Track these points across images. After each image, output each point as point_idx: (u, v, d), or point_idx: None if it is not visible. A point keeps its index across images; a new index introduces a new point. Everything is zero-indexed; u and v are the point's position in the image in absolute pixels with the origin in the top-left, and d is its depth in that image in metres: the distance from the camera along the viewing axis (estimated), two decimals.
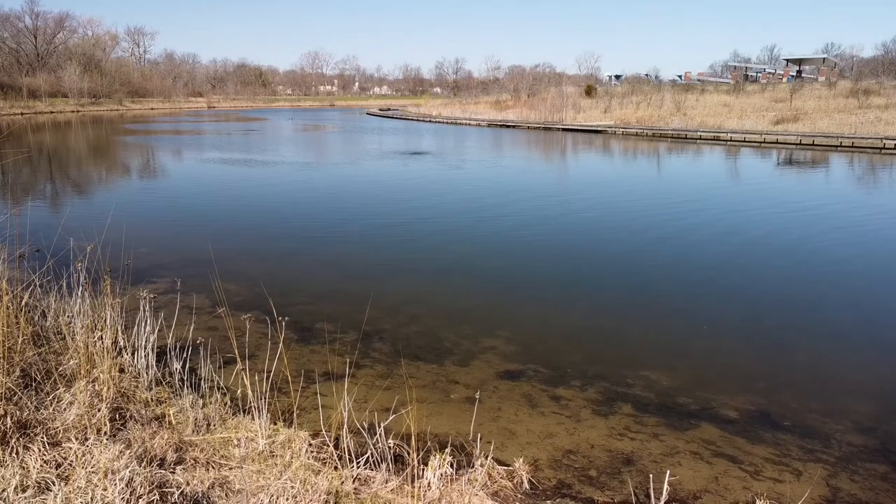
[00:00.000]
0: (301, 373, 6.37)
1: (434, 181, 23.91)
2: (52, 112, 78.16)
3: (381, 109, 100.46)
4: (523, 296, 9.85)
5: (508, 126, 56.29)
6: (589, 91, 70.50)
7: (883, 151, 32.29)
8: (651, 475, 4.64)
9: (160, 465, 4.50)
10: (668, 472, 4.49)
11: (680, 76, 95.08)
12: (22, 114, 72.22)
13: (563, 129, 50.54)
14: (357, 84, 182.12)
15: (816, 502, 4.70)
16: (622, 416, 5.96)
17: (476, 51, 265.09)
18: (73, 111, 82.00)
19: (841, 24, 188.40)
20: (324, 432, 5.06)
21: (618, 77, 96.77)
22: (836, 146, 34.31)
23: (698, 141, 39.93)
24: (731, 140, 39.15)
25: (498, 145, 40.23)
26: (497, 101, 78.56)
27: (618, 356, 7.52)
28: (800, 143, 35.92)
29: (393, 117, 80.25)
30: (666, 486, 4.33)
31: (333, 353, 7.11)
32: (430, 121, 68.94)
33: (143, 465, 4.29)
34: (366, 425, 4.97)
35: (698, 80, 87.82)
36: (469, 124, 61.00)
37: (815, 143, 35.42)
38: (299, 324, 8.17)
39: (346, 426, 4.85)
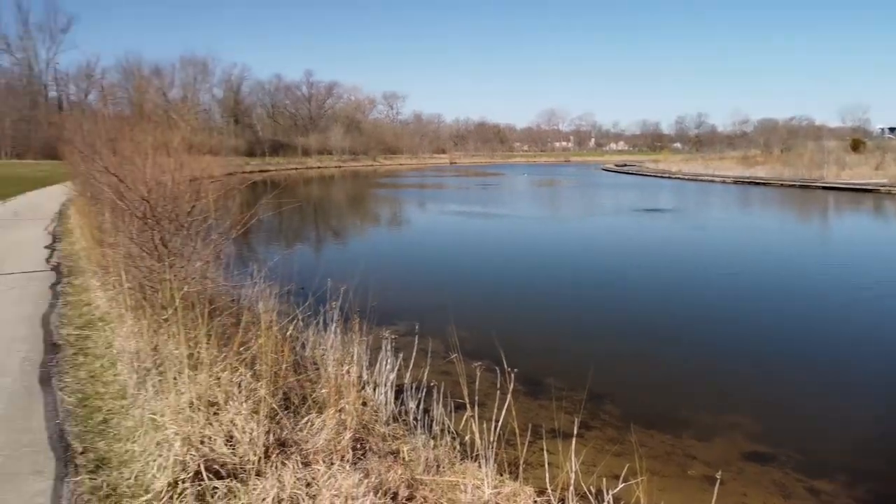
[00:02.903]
0: (528, 427, 6.33)
1: (673, 242, 22.87)
2: (319, 167, 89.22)
3: (616, 165, 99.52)
4: (775, 372, 8.89)
5: (758, 183, 52.23)
6: (856, 145, 63.14)
7: None
8: None
9: (393, 499, 4.70)
10: None
11: None
12: (296, 169, 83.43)
13: (824, 188, 45.59)
14: (593, 140, 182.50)
15: None
16: None
17: (720, 105, 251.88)
18: (336, 166, 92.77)
19: None
20: (549, 491, 4.94)
21: (892, 130, 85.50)
22: None
23: None
24: None
25: (746, 204, 37.53)
26: (745, 157, 73.57)
27: (893, 450, 6.41)
28: None
29: (629, 173, 78.91)
30: None
31: (561, 410, 6.97)
32: (668, 177, 66.55)
33: (378, 495, 4.52)
34: (593, 490, 4.76)
35: None
36: (713, 181, 57.75)
37: None
38: (528, 377, 8.15)
39: (572, 488, 4.70)
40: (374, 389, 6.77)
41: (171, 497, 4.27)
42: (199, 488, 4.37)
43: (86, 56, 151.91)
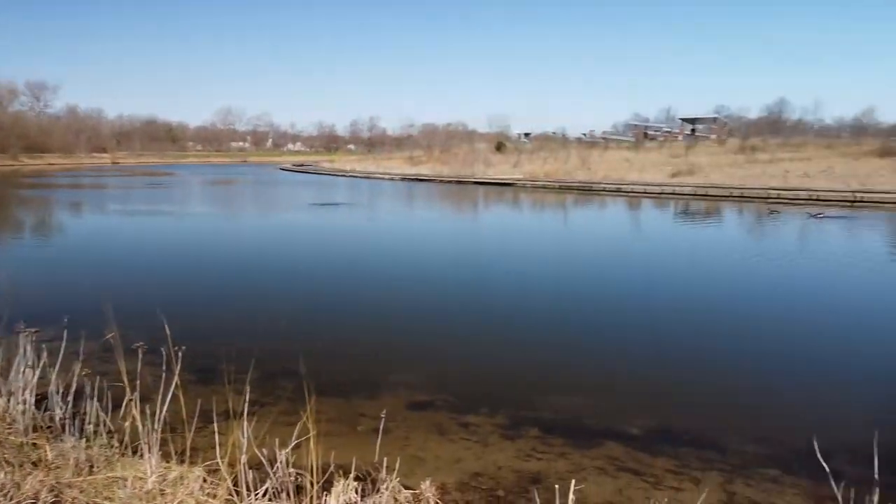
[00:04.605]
0: (198, 412, 6.04)
1: (338, 230, 23.82)
2: None
3: (294, 165, 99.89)
4: (432, 332, 9.84)
5: (422, 180, 57.03)
6: (499, 147, 72.92)
7: (769, 201, 34.68)
8: (557, 487, 4.62)
9: None
10: (573, 483, 4.48)
11: (585, 134, 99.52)
12: None
13: (475, 183, 51.66)
14: (271, 140, 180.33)
15: None
16: (529, 439, 5.96)
17: (391, 109, 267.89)
18: None
19: (730, 88, 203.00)
20: (221, 467, 4.78)
21: (527, 135, 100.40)
22: (728, 196, 36.65)
23: (602, 193, 41.69)
24: (632, 192, 41.06)
25: (411, 198, 40.67)
26: (410, 157, 79.71)
27: (525, 383, 7.56)
28: (695, 195, 38.11)
29: (306, 172, 79.90)
30: (571, 496, 4.32)
31: (235, 392, 6.78)
32: (343, 175, 69.00)
33: None
34: (266, 454, 4.75)
35: (602, 138, 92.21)
36: (383, 178, 61.46)
37: (709, 194, 37.71)
38: (199, 364, 7.78)
39: (244, 458, 4.62)
40: (10, 399, 5.84)
41: None
42: None
43: None
